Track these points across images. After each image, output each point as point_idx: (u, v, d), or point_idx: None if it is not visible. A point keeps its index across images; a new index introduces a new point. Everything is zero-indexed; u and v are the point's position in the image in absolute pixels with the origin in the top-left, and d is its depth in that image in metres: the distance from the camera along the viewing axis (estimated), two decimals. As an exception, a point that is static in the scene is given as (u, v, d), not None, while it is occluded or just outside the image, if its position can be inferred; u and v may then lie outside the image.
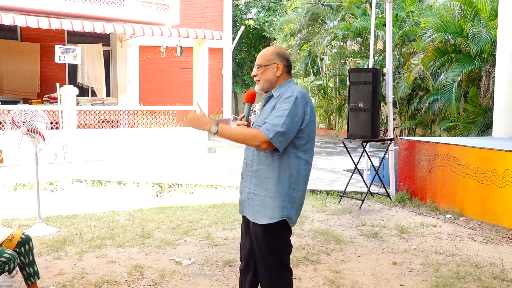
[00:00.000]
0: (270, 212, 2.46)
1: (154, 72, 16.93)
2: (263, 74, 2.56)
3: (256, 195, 2.52)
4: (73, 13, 11.14)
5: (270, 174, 2.46)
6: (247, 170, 2.58)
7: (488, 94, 9.45)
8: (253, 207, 2.54)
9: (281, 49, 2.61)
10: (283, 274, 2.54)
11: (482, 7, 10.37)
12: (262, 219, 2.49)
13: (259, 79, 2.58)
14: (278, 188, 2.45)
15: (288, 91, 2.47)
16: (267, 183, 2.47)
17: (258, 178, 2.51)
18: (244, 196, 2.61)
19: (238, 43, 24.41)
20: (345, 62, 18.42)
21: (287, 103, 2.39)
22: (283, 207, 2.46)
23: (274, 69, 2.54)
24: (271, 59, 2.55)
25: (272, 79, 2.55)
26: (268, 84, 2.56)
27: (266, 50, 2.60)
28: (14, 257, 2.95)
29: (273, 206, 2.46)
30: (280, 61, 2.54)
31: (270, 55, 2.56)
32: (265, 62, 2.55)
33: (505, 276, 3.91)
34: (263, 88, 2.58)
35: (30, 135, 4.85)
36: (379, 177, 7.04)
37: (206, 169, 9.40)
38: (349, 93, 6.78)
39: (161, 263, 4.11)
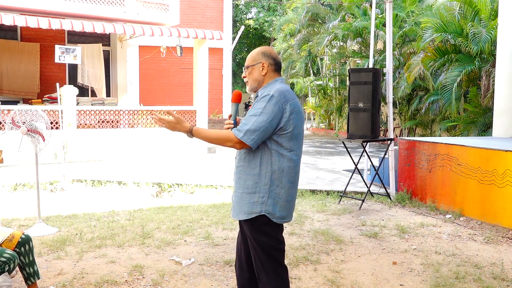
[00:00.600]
0: (248, 207, 2.50)
1: (154, 72, 16.91)
2: (251, 74, 2.61)
3: (236, 191, 2.59)
4: (73, 13, 11.14)
5: (250, 170, 2.51)
6: (235, 168, 2.65)
7: (488, 94, 9.45)
8: (235, 204, 2.60)
9: (267, 48, 2.65)
10: (278, 272, 2.56)
11: (482, 7, 10.37)
12: (240, 215, 2.54)
13: (248, 80, 2.63)
14: (257, 185, 2.49)
15: (267, 90, 2.50)
16: (246, 180, 2.52)
17: (238, 174, 2.57)
18: (233, 197, 2.67)
19: (238, 43, 24.41)
20: (345, 62, 18.43)
21: (262, 102, 2.44)
22: (262, 203, 2.48)
23: (260, 68, 2.58)
24: (257, 59, 2.60)
25: (258, 78, 2.59)
26: (256, 83, 2.60)
27: (252, 51, 2.65)
28: (14, 257, 2.95)
29: (251, 201, 2.50)
30: (265, 60, 2.58)
31: (256, 55, 2.61)
32: (251, 62, 2.61)
33: (505, 276, 3.91)
34: (252, 88, 2.63)
35: (30, 135, 4.85)
36: (379, 177, 7.04)
37: (206, 169, 9.41)
38: (349, 93, 6.78)
39: (161, 263, 4.11)
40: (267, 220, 2.51)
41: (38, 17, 9.58)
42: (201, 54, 11.58)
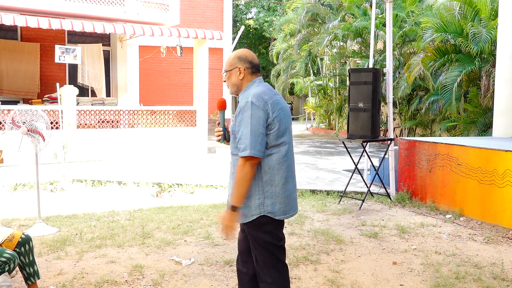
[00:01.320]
0: (246, 211, 2.52)
1: (154, 72, 16.92)
2: (229, 79, 2.66)
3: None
4: (73, 13, 11.14)
5: None
6: (231, 172, 2.68)
7: (488, 94, 9.45)
8: None
9: (243, 52, 2.68)
10: (278, 269, 2.59)
11: (482, 7, 10.36)
12: (241, 218, 2.55)
13: (228, 84, 2.69)
14: (253, 188, 2.51)
15: (244, 95, 2.56)
16: None
17: (233, 180, 2.58)
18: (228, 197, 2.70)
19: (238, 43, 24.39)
20: (345, 62, 18.42)
21: (246, 112, 2.46)
22: (259, 205, 2.51)
23: (237, 73, 2.63)
24: (233, 63, 2.64)
25: (237, 82, 2.64)
26: (235, 88, 2.66)
27: (229, 56, 2.70)
28: (14, 257, 2.95)
29: (248, 204, 2.52)
30: (241, 65, 2.62)
31: (232, 60, 2.65)
32: (228, 67, 2.66)
33: (505, 276, 3.91)
34: (232, 91, 2.69)
35: (30, 135, 4.85)
36: (379, 177, 7.04)
37: (206, 169, 9.41)
38: (349, 93, 6.78)
39: (161, 263, 4.11)
40: (268, 219, 2.53)
41: (38, 17, 9.58)
42: (201, 54, 11.58)
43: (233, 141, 2.60)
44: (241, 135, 2.46)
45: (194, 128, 11.53)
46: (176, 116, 11.39)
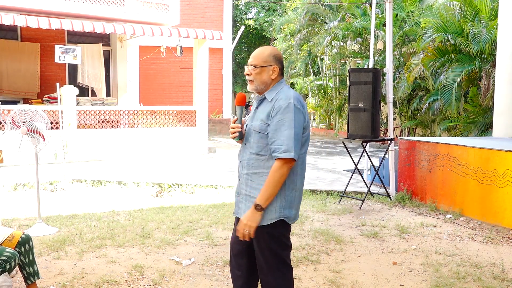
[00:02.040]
0: (267, 214, 2.47)
1: (154, 72, 16.92)
2: (259, 75, 2.53)
3: (253, 197, 2.52)
4: (73, 13, 11.14)
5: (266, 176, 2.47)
6: (243, 173, 2.58)
7: (488, 94, 9.45)
8: (247, 209, 2.53)
9: (277, 51, 2.60)
10: (283, 272, 2.56)
11: (482, 7, 10.37)
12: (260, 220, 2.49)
13: (253, 80, 2.55)
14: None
15: (282, 96, 2.47)
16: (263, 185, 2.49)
17: (256, 181, 2.51)
18: (240, 197, 2.62)
19: (238, 43, 24.40)
20: (345, 62, 18.43)
21: (288, 113, 2.40)
22: (280, 208, 2.48)
23: (270, 72, 2.53)
24: (268, 61, 2.53)
25: (267, 81, 2.54)
26: (262, 85, 2.55)
27: (262, 50, 2.57)
28: (14, 256, 2.95)
29: (269, 208, 2.46)
30: (276, 64, 2.54)
31: (267, 56, 2.54)
32: (261, 63, 2.53)
33: (505, 276, 3.91)
34: (257, 89, 2.57)
35: (30, 135, 4.85)
36: (379, 177, 7.03)
37: (206, 169, 9.40)
38: (349, 93, 6.78)
39: (161, 263, 4.11)
40: (284, 223, 2.51)
41: (38, 17, 9.58)
42: (201, 54, 11.58)
43: (257, 140, 2.50)
44: (282, 136, 2.39)
45: (194, 128, 11.53)
46: (176, 116, 11.39)
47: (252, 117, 2.59)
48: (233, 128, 2.57)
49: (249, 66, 2.56)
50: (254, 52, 2.60)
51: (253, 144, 2.52)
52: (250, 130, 2.55)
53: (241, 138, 2.60)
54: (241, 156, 2.61)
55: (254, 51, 2.61)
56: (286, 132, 2.38)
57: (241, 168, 2.61)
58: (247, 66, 2.58)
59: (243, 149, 2.60)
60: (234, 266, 2.74)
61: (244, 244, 2.63)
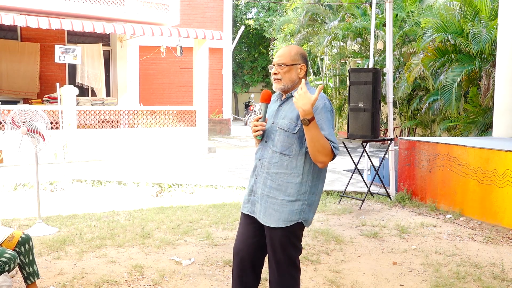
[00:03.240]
0: (288, 215, 2.46)
1: (154, 72, 16.92)
2: (287, 73, 2.49)
3: (272, 198, 2.48)
4: (73, 13, 11.14)
5: (292, 178, 2.45)
6: (263, 171, 2.53)
7: (488, 94, 9.45)
8: (266, 210, 2.50)
9: (303, 50, 2.58)
10: (293, 274, 2.56)
11: (482, 7, 10.36)
12: (278, 222, 2.47)
13: (281, 78, 2.50)
14: (299, 193, 2.46)
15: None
16: (288, 187, 2.46)
17: (277, 181, 2.47)
18: (257, 197, 2.56)
19: (238, 43, 24.41)
20: (345, 62, 18.42)
21: (326, 113, 2.41)
22: (301, 211, 2.47)
23: (298, 70, 2.50)
24: (296, 59, 2.50)
25: (295, 79, 2.51)
26: (290, 84, 2.51)
27: (289, 49, 2.52)
28: (14, 257, 2.95)
29: (291, 209, 2.46)
30: (304, 63, 2.52)
31: (295, 55, 2.50)
32: (290, 61, 2.49)
33: (505, 276, 3.91)
34: (284, 87, 2.52)
35: (30, 135, 4.85)
36: (379, 177, 7.03)
37: (206, 169, 9.40)
38: (349, 93, 6.78)
39: (161, 263, 4.11)
40: (301, 226, 2.53)
41: (38, 17, 9.57)
42: (201, 54, 11.58)
43: (282, 139, 2.46)
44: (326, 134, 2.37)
45: (194, 128, 11.53)
46: (176, 116, 11.39)
47: (275, 115, 2.54)
48: (257, 125, 2.51)
49: (275, 65, 2.51)
50: (280, 50, 2.55)
51: (277, 143, 2.48)
52: (274, 128, 2.51)
53: (262, 136, 2.56)
54: (261, 154, 2.56)
55: (280, 50, 2.56)
56: (328, 131, 2.39)
57: (260, 167, 2.55)
58: (272, 65, 2.53)
59: (264, 147, 2.54)
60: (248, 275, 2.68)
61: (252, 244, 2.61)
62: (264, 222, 2.52)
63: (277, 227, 2.47)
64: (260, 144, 2.58)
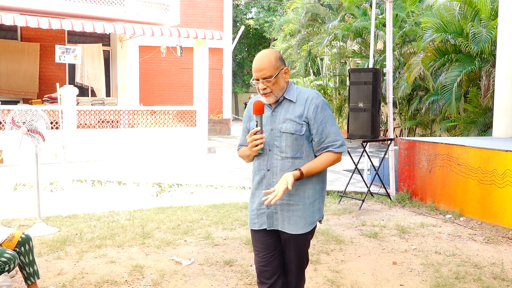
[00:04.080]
0: (311, 217, 2.46)
1: (154, 72, 16.92)
2: (276, 84, 2.39)
3: (293, 205, 2.42)
4: (73, 13, 11.14)
5: (308, 180, 2.42)
6: (276, 180, 2.40)
7: (488, 94, 9.44)
8: (290, 218, 2.43)
9: (278, 52, 2.48)
10: (304, 272, 2.64)
11: (482, 7, 10.36)
12: (306, 227, 2.44)
13: (271, 91, 2.39)
14: (314, 192, 2.46)
15: (308, 94, 2.44)
16: (305, 190, 2.43)
17: (294, 187, 2.38)
18: (274, 207, 2.44)
19: (238, 43, 24.41)
20: (345, 62, 18.42)
21: (326, 110, 2.42)
22: (319, 209, 2.50)
23: (283, 75, 2.42)
24: (278, 66, 2.39)
25: (284, 86, 2.43)
26: (281, 92, 2.42)
27: (268, 59, 2.38)
28: (14, 257, 2.95)
29: (313, 210, 2.46)
30: (284, 65, 2.44)
31: (275, 62, 2.38)
32: (274, 71, 2.37)
33: (505, 276, 3.91)
34: (277, 97, 2.42)
35: (30, 135, 4.85)
36: (379, 177, 7.03)
37: (206, 169, 9.40)
38: (349, 93, 6.78)
39: (161, 263, 4.11)
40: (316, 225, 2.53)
41: (38, 17, 9.58)
42: (201, 54, 11.58)
43: (291, 143, 2.38)
44: (332, 133, 2.40)
45: (194, 128, 11.53)
46: (176, 116, 11.39)
47: (271, 121, 2.44)
48: (257, 139, 2.38)
49: (261, 80, 2.38)
50: (258, 63, 2.38)
51: (286, 148, 2.39)
52: (277, 134, 2.41)
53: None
54: (268, 165, 2.44)
55: (257, 63, 2.39)
56: (333, 129, 2.41)
57: (270, 177, 2.43)
58: (256, 80, 2.39)
59: (268, 156, 2.43)
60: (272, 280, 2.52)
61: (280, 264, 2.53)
62: (291, 231, 2.44)
63: (304, 232, 2.45)
64: (261, 155, 2.47)
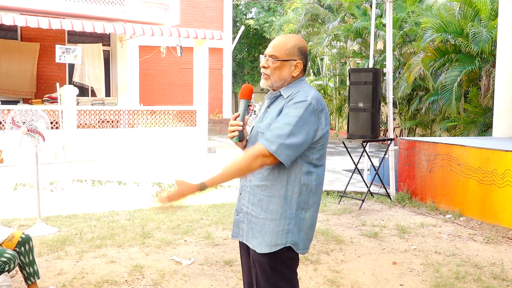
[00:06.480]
0: (272, 238, 2.05)
1: (154, 72, 16.92)
2: (278, 70, 2.06)
3: (254, 216, 2.10)
4: (73, 13, 11.14)
5: (275, 192, 2.04)
6: (246, 185, 2.14)
7: (488, 94, 9.45)
8: (249, 232, 2.13)
9: (303, 42, 2.12)
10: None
11: (482, 7, 10.36)
12: (261, 246, 2.07)
13: (269, 74, 2.08)
14: (284, 209, 2.04)
15: (300, 93, 2.03)
16: (270, 203, 2.05)
17: (257, 196, 2.08)
18: (242, 215, 2.18)
19: (238, 43, 24.40)
20: (345, 62, 18.42)
21: (297, 109, 1.97)
22: (287, 232, 2.05)
23: (292, 68, 2.07)
24: (292, 54, 2.06)
25: (287, 78, 2.09)
26: (280, 83, 2.09)
27: (285, 40, 2.08)
28: (14, 257, 2.95)
29: (276, 230, 2.05)
30: (301, 59, 2.08)
31: (291, 48, 2.06)
32: (284, 55, 2.05)
33: (505, 276, 3.91)
34: (272, 85, 2.10)
35: (30, 135, 4.85)
36: (379, 177, 7.03)
37: (206, 169, 9.40)
38: (349, 93, 6.78)
39: (161, 263, 4.11)
40: (290, 252, 2.09)
41: (38, 17, 9.58)
42: (201, 54, 11.58)
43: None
44: (279, 128, 1.96)
45: (194, 128, 11.53)
46: (176, 116, 11.39)
47: (261, 118, 2.15)
48: (233, 125, 2.10)
49: (267, 56, 2.09)
50: (275, 40, 2.10)
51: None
52: (256, 133, 2.11)
53: (241, 139, 2.14)
54: None
55: (275, 39, 2.11)
56: (282, 125, 1.96)
57: (243, 180, 2.16)
58: (263, 56, 2.10)
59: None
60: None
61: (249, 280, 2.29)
62: (251, 246, 2.13)
63: (261, 252, 2.07)
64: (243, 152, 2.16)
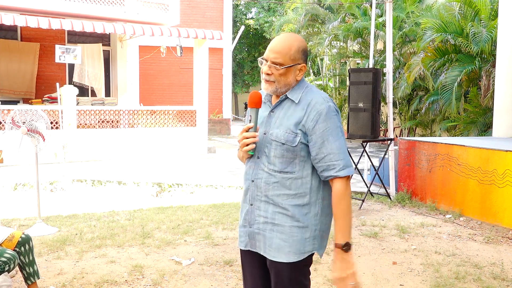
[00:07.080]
0: (300, 245, 1.98)
1: (154, 72, 16.92)
2: (283, 76, 1.96)
3: (278, 225, 1.99)
4: (73, 13, 11.14)
5: (298, 200, 1.98)
6: (260, 195, 2.01)
7: (488, 94, 9.45)
8: (272, 240, 2.00)
9: (304, 43, 2.03)
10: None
11: (482, 7, 10.36)
12: (289, 256, 1.98)
13: (274, 80, 1.97)
14: (308, 216, 1.99)
15: (316, 98, 1.97)
16: (296, 210, 1.97)
17: (281, 205, 1.98)
18: (257, 227, 2.04)
19: (238, 43, 24.41)
20: (345, 62, 18.42)
21: (332, 119, 1.94)
22: (313, 238, 2.01)
23: (297, 72, 1.99)
24: (297, 58, 1.97)
25: (292, 83, 1.99)
26: (285, 88, 1.99)
27: (289, 44, 1.96)
28: (14, 257, 2.95)
29: (303, 237, 1.98)
30: (304, 61, 1.99)
31: (296, 53, 1.96)
32: (288, 61, 1.95)
33: (505, 276, 3.91)
34: (276, 91, 2.00)
35: (30, 135, 4.85)
36: (379, 177, 7.03)
37: (206, 169, 9.40)
38: (349, 93, 6.79)
39: (161, 263, 4.11)
40: (311, 259, 2.06)
41: (38, 17, 9.58)
42: (201, 54, 11.58)
43: (281, 154, 1.96)
44: (333, 150, 1.92)
45: (194, 128, 11.53)
46: (176, 116, 11.39)
47: (266, 123, 2.02)
48: (248, 137, 1.95)
49: (269, 62, 1.97)
50: (276, 43, 1.98)
51: (274, 160, 1.97)
52: (268, 140, 1.99)
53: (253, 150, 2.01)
54: (253, 174, 2.03)
55: (276, 43, 1.98)
56: (336, 144, 1.93)
57: (254, 190, 2.02)
58: (264, 60, 1.98)
59: (255, 165, 2.02)
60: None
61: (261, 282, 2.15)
62: (272, 257, 2.01)
63: (287, 261, 1.98)
64: (249, 160, 2.05)
